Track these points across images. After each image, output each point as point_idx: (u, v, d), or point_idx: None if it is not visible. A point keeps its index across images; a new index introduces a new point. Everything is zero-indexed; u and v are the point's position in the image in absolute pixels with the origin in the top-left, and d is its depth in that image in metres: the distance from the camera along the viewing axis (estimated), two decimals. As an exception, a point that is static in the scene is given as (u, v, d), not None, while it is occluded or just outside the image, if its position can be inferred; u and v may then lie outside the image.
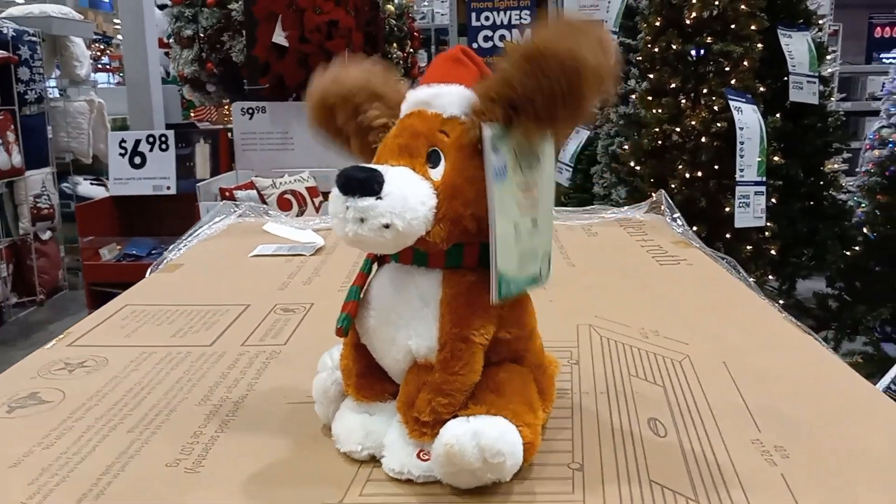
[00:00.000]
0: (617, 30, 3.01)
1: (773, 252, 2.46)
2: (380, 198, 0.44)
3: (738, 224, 2.27)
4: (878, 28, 5.63)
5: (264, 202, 2.75)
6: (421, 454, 0.49)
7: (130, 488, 0.48)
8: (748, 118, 2.18)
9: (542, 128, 0.47)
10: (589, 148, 3.70)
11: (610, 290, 0.90)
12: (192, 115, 5.22)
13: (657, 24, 2.24)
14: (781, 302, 0.76)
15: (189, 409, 0.60)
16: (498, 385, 0.49)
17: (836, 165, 3.60)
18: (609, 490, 0.47)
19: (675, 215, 1.21)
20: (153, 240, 2.87)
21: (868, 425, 0.56)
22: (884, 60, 5.51)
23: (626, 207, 1.29)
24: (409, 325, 0.49)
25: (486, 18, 5.25)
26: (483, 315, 0.48)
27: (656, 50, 2.26)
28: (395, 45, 3.87)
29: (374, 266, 0.53)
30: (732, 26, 2.20)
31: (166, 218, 2.88)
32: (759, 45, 2.24)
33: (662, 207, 1.25)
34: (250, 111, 2.86)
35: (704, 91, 2.21)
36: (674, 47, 2.23)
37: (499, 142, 0.46)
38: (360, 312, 0.51)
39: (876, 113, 5.15)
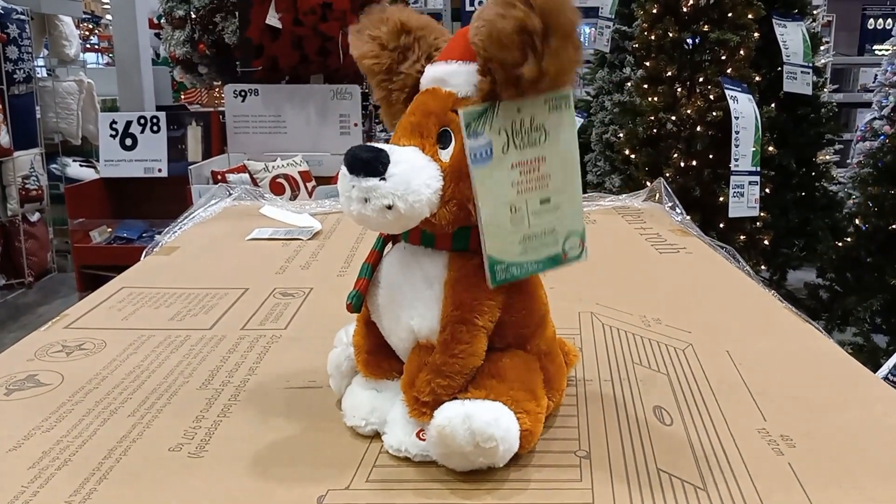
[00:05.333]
0: (612, 17, 2.99)
1: (765, 242, 2.47)
2: (384, 178, 0.44)
3: (732, 214, 2.28)
4: (872, 20, 5.63)
5: (257, 186, 2.73)
6: (420, 434, 0.48)
7: (133, 473, 0.47)
8: (744, 107, 2.18)
9: (518, 88, 0.44)
10: (582, 136, 3.71)
11: (610, 278, 0.89)
12: (183, 97, 5.17)
13: (654, 11, 2.23)
14: (772, 292, 0.76)
15: (190, 394, 0.59)
16: (500, 370, 0.49)
17: (827, 157, 3.62)
18: (617, 478, 0.47)
19: (672, 204, 1.21)
20: (144, 222, 2.85)
21: (871, 414, 0.56)
22: (876, 52, 5.52)
23: (623, 195, 1.28)
24: (413, 305, 0.49)
25: (480, 3, 5.22)
26: (487, 299, 0.48)
27: (653, 37, 2.25)
28: (389, 29, 3.83)
29: (389, 245, 0.53)
30: (729, 14, 2.19)
31: (157, 201, 2.85)
32: (756, 34, 2.24)
33: (657, 196, 1.25)
34: (243, 93, 2.83)
35: (700, 80, 2.20)
36: (670, 35, 2.22)
37: (477, 123, 0.45)
38: (371, 290, 0.52)
39: (867, 104, 5.17)
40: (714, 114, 2.22)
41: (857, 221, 2.59)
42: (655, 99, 2.31)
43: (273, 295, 0.83)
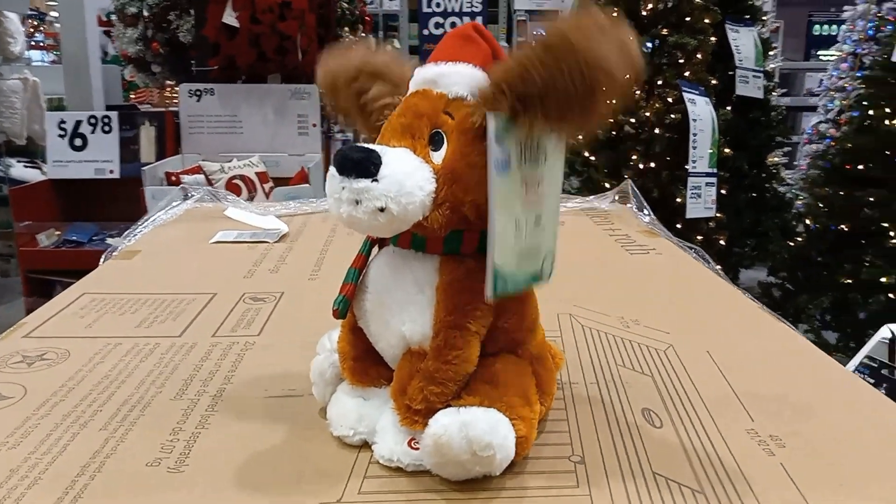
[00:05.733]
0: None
1: (721, 242, 2.52)
2: (376, 180, 0.43)
3: (689, 214, 2.31)
4: (817, 26, 5.81)
5: (212, 187, 2.67)
6: (412, 442, 0.47)
7: (110, 490, 0.45)
8: (701, 110, 2.22)
9: (550, 127, 0.45)
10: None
11: (584, 279, 0.89)
12: (133, 97, 5.03)
13: (614, 14, 2.25)
14: (747, 294, 0.78)
15: (164, 404, 0.56)
16: (493, 376, 0.48)
17: (776, 158, 3.72)
18: (614, 484, 0.46)
19: (638, 205, 1.22)
20: (95, 225, 2.75)
21: (855, 413, 0.56)
22: (821, 58, 5.69)
23: (591, 196, 1.29)
24: (404, 310, 0.48)
25: (438, 5, 5.21)
26: (479, 303, 0.47)
27: (612, 40, 2.27)
28: (346, 28, 3.79)
29: (375, 248, 0.51)
30: (687, 19, 2.22)
31: (109, 203, 2.76)
32: (713, 39, 2.28)
33: (624, 197, 1.25)
34: (198, 93, 2.77)
35: (659, 83, 2.23)
36: (630, 38, 2.24)
37: (503, 133, 0.44)
38: (358, 295, 0.50)
39: (813, 108, 5.33)
40: (672, 116, 2.25)
41: (807, 221, 2.66)
42: (614, 101, 2.33)
43: (243, 300, 0.81)
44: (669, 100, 2.25)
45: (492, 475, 0.45)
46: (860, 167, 2.42)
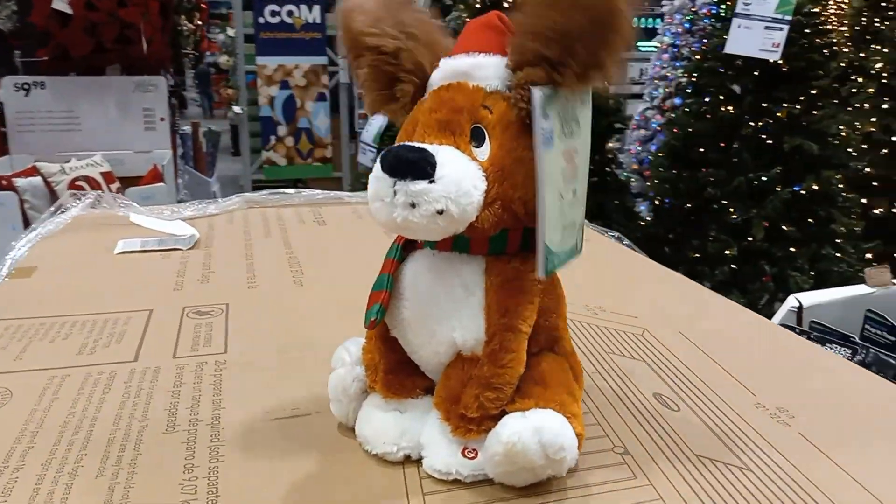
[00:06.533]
0: (426, 10, 3.04)
1: (583, 225, 2.65)
2: (433, 181, 0.40)
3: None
4: (635, 19, 6.25)
5: (52, 190, 2.42)
6: (465, 452, 0.46)
7: (149, 546, 0.39)
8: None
9: (589, 76, 0.43)
10: (393, 129, 3.73)
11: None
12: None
13: (477, 6, 2.28)
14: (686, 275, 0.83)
15: (158, 439, 0.50)
16: (542, 376, 0.47)
17: (610, 143, 3.97)
18: (668, 472, 0.47)
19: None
20: None
21: (834, 376, 0.61)
22: (640, 49, 6.13)
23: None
24: (453, 316, 0.45)
25: (277, -8, 5.02)
26: (528, 304, 0.46)
27: (476, 32, 2.31)
28: (183, 17, 3.57)
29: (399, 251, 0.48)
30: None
31: (-76, 212, 2.42)
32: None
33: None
34: (26, 87, 2.49)
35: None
36: (493, 29, 2.28)
37: (548, 105, 0.43)
38: (392, 303, 0.47)
39: (637, 96, 5.74)
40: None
41: (656, 202, 2.86)
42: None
43: (186, 315, 0.73)
44: (533, 90, 2.33)
45: (558, 476, 0.45)
46: (701, 150, 2.64)
